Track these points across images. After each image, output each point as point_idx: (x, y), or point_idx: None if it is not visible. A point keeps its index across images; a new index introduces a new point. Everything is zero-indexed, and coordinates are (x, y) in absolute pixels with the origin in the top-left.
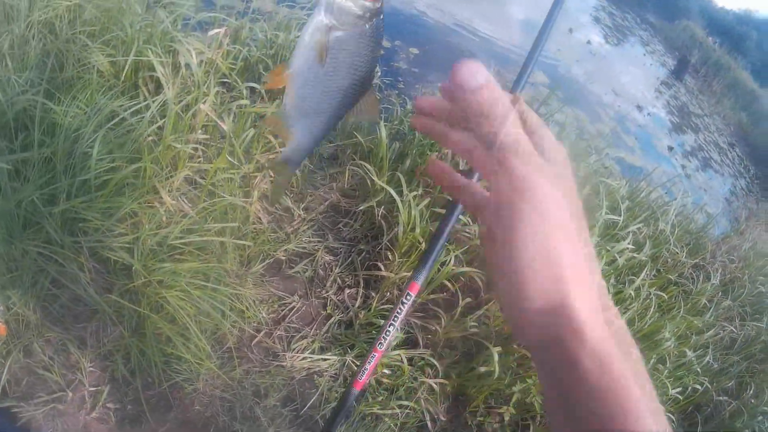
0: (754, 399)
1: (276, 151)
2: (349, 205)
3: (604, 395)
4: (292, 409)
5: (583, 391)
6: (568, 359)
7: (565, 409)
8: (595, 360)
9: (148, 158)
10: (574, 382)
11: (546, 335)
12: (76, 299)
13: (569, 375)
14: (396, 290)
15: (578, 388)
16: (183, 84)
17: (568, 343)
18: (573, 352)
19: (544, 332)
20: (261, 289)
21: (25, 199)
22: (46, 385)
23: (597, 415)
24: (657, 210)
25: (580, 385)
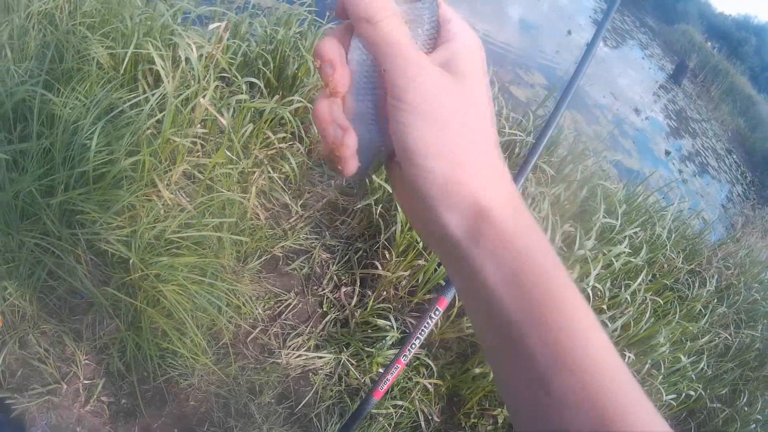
0: (748, 407)
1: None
2: (346, 203)
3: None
4: (286, 406)
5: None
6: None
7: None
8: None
9: (146, 151)
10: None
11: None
12: (72, 291)
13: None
14: (393, 289)
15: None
16: (182, 78)
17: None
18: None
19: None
20: (257, 286)
21: (23, 190)
22: (41, 377)
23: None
24: (654, 214)
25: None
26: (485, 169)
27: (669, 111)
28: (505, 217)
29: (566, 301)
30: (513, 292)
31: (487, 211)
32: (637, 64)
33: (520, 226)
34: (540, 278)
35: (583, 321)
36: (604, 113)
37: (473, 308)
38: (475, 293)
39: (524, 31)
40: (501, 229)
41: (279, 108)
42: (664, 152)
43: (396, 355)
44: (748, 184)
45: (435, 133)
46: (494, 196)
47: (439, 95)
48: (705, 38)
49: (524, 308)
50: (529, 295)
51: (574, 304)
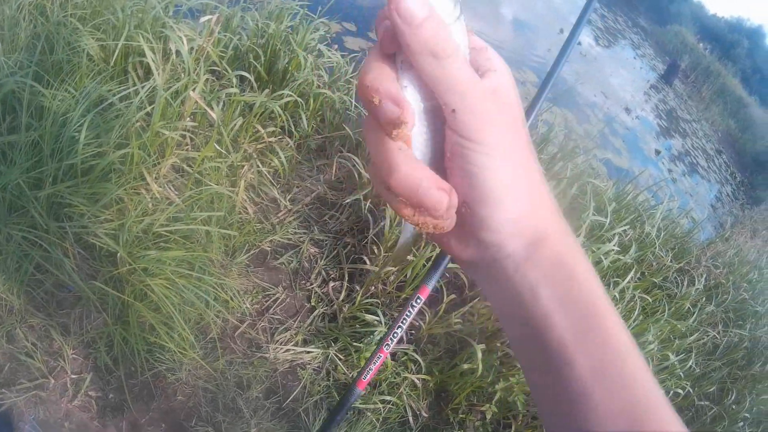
0: (736, 405)
1: None
2: (335, 198)
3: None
4: (274, 401)
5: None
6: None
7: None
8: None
9: (135, 144)
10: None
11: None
12: (60, 285)
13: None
14: (381, 284)
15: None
16: (173, 71)
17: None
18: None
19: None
20: (245, 280)
21: (10, 182)
22: (28, 372)
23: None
24: (643, 213)
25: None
26: (544, 200)
27: (660, 111)
28: (560, 242)
29: (610, 322)
30: (564, 311)
31: (545, 237)
32: (628, 64)
33: (571, 251)
34: (588, 300)
35: (624, 342)
36: (595, 112)
37: (521, 324)
38: (526, 310)
39: (517, 29)
40: (557, 252)
41: (269, 102)
42: (654, 151)
43: (378, 344)
44: (738, 184)
45: (510, 173)
46: (550, 224)
47: (509, 133)
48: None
49: (575, 329)
50: (579, 314)
51: (617, 326)
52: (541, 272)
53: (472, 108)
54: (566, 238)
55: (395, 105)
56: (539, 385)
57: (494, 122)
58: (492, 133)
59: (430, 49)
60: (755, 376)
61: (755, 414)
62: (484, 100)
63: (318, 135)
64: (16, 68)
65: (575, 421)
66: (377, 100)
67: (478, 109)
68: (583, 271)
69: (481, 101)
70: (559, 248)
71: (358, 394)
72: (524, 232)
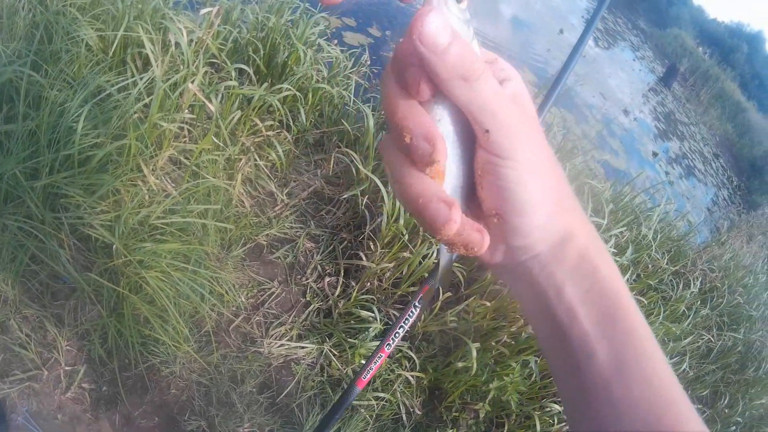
0: (728, 409)
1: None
2: (332, 193)
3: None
4: (267, 396)
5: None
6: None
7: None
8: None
9: (133, 135)
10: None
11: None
12: (55, 276)
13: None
14: (377, 281)
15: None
16: (172, 62)
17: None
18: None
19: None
20: (241, 274)
21: (6, 172)
22: (21, 363)
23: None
24: (640, 215)
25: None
26: (569, 201)
27: (658, 113)
28: (584, 240)
29: (632, 317)
30: (588, 305)
31: (570, 236)
32: (627, 66)
33: (595, 248)
34: (611, 295)
35: (646, 337)
36: (593, 113)
37: (547, 321)
38: (552, 307)
39: (517, 28)
40: (581, 249)
41: (268, 95)
42: (651, 153)
43: (379, 344)
44: (734, 188)
45: (540, 184)
46: (576, 224)
47: (534, 143)
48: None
49: (598, 321)
50: (603, 310)
51: (639, 321)
52: (566, 269)
53: (504, 126)
54: (590, 235)
55: (429, 144)
56: (563, 380)
57: (522, 137)
58: (522, 149)
59: (461, 74)
60: (748, 380)
61: (747, 419)
62: (513, 115)
63: (316, 130)
64: (15, 57)
65: (595, 416)
66: (408, 138)
67: (509, 126)
68: (606, 267)
69: (511, 118)
70: (583, 246)
71: (357, 393)
72: (552, 234)
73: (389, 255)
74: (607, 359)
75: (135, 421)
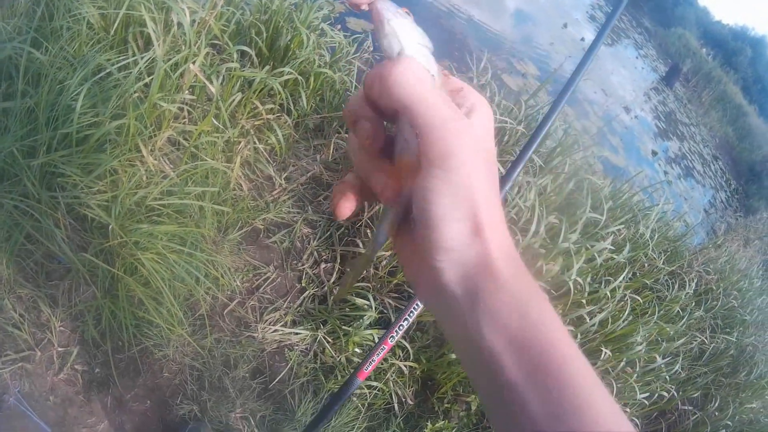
0: (719, 412)
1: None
2: (331, 178)
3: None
4: (260, 381)
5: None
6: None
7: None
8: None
9: (132, 115)
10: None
11: (464, 283)
12: (49, 256)
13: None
14: (373, 268)
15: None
16: (173, 42)
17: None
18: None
19: (462, 279)
20: (237, 258)
21: (4, 150)
22: (14, 343)
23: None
24: (638, 213)
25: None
26: (498, 226)
27: (659, 112)
28: (505, 271)
29: (566, 359)
30: (514, 356)
31: (490, 265)
32: (630, 64)
33: (517, 277)
34: (538, 336)
35: (585, 380)
36: (594, 109)
37: (470, 365)
38: (474, 353)
39: (520, 21)
40: (501, 283)
41: (269, 78)
42: (651, 152)
43: (383, 336)
44: (732, 191)
45: (461, 199)
46: (498, 251)
47: (471, 170)
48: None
49: (525, 370)
50: (529, 355)
51: (574, 362)
52: (483, 310)
53: (433, 133)
54: (512, 262)
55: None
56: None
57: (455, 149)
58: (448, 162)
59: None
60: (739, 384)
61: (737, 423)
62: (454, 131)
63: (317, 114)
64: (15, 34)
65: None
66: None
67: (439, 136)
68: (536, 309)
69: (443, 126)
70: (504, 277)
71: (357, 384)
72: (467, 261)
73: (386, 243)
74: (541, 413)
75: (127, 404)
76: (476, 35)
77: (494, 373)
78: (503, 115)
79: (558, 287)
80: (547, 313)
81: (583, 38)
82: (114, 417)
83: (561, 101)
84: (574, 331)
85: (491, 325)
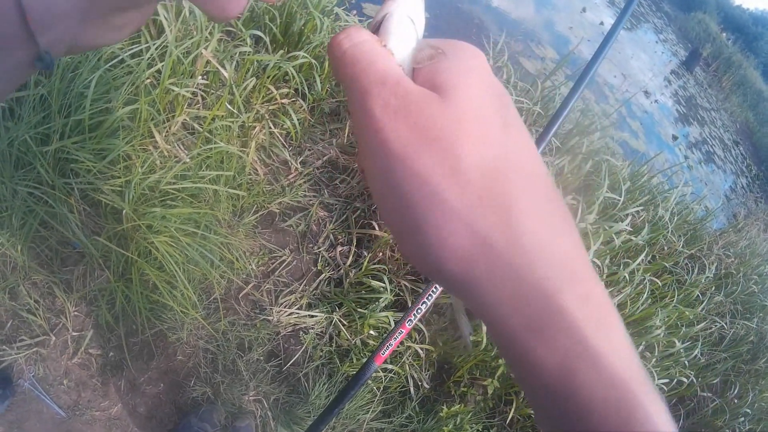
0: (738, 399)
1: None
2: (347, 162)
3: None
4: (275, 364)
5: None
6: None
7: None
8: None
9: (144, 100)
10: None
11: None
12: (64, 242)
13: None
14: (389, 251)
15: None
16: (185, 28)
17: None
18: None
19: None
20: (252, 241)
21: (17, 138)
22: (29, 329)
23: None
24: (657, 195)
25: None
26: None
27: (679, 97)
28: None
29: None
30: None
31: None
32: (650, 48)
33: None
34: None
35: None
36: (613, 92)
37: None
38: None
39: (539, 6)
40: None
41: (283, 63)
42: (671, 137)
43: (400, 320)
44: (753, 177)
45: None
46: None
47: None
48: (721, 29)
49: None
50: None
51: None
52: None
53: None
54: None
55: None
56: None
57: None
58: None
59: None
60: (759, 371)
61: (756, 410)
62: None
63: (332, 99)
64: None
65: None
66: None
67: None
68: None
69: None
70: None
71: (374, 368)
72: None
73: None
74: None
75: (140, 387)
76: (495, 20)
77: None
78: (520, 96)
79: None
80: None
81: (602, 22)
82: (127, 400)
83: (580, 85)
84: None
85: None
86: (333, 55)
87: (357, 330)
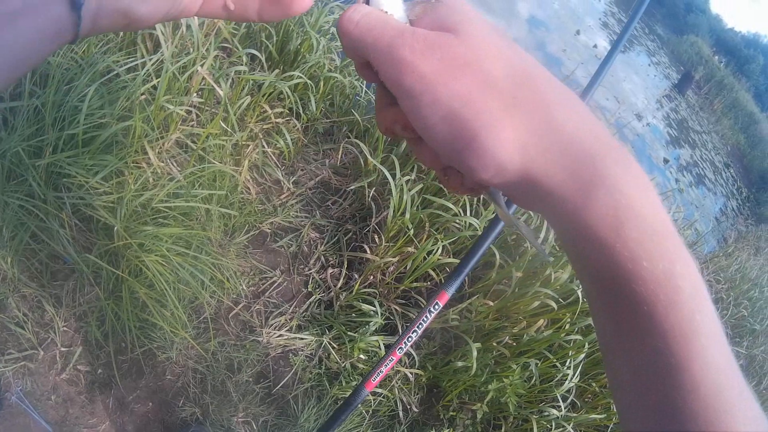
0: None
1: None
2: (339, 183)
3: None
4: (264, 386)
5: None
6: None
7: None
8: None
9: (139, 117)
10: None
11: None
12: (54, 256)
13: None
14: (380, 274)
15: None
16: (182, 44)
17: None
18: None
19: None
20: (243, 261)
21: (10, 149)
22: (18, 342)
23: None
24: None
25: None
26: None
27: (671, 119)
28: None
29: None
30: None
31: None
32: (642, 71)
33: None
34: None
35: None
36: (606, 116)
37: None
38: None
39: (533, 27)
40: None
41: (278, 82)
42: (662, 160)
43: (391, 347)
44: (744, 199)
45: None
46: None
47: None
48: (713, 52)
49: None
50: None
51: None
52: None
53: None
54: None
55: None
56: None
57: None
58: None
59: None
60: None
61: None
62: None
63: (326, 119)
64: None
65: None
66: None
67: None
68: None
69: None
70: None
71: (365, 395)
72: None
73: (393, 249)
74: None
75: (129, 405)
76: None
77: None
78: None
79: (566, 296)
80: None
81: (596, 45)
82: (116, 418)
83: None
84: (582, 340)
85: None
86: (347, 29)
87: (347, 353)
